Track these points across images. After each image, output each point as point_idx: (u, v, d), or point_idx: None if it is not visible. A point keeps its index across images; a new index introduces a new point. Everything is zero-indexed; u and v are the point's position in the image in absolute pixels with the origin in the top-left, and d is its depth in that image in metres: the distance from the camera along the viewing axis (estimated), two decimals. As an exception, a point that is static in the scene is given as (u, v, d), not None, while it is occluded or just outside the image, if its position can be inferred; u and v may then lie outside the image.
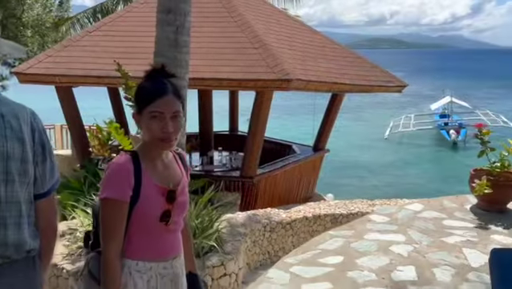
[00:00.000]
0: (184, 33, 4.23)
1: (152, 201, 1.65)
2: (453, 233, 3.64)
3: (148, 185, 1.64)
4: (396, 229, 3.78)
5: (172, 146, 1.69)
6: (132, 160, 1.64)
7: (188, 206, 1.84)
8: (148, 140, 1.66)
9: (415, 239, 3.54)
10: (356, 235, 3.68)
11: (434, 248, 3.38)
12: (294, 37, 7.86)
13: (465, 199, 4.42)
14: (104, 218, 1.63)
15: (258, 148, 7.13)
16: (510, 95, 54.19)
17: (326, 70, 7.15)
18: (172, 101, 1.63)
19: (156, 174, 1.67)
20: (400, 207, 4.28)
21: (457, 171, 23.66)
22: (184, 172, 1.81)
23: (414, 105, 41.97)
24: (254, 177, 7.27)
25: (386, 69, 8.46)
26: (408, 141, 28.66)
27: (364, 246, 3.46)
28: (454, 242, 3.47)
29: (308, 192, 9.27)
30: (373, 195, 19.58)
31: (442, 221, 3.89)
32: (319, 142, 9.20)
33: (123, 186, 1.60)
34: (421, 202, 4.42)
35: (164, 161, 1.73)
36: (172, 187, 1.70)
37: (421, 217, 4.01)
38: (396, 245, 3.45)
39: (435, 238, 3.56)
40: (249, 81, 6.31)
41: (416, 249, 3.37)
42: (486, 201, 3.98)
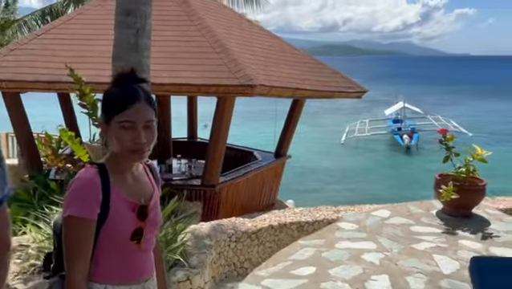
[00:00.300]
0: (145, 36, 4.02)
1: (123, 218, 1.48)
2: (422, 239, 3.61)
3: (117, 201, 1.47)
4: (365, 236, 3.72)
5: (144, 158, 1.52)
6: (99, 173, 1.46)
7: (160, 222, 1.68)
8: (117, 151, 1.48)
9: (385, 247, 3.49)
10: (327, 244, 3.59)
11: (405, 255, 3.33)
12: (255, 42, 7.77)
13: (431, 204, 4.44)
14: (69, 238, 1.44)
15: (220, 155, 6.96)
16: (459, 101, 56.71)
17: (288, 75, 7.09)
18: (145, 109, 1.47)
19: (126, 188, 1.51)
20: (367, 214, 4.24)
21: (413, 175, 24.43)
22: (156, 185, 1.65)
23: (369, 111, 43.06)
24: (216, 186, 7.09)
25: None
26: (363, 146, 29.30)
27: (336, 255, 3.37)
28: (424, 248, 3.44)
29: (270, 199, 9.17)
30: (335, 201, 19.85)
31: (410, 228, 3.86)
32: (281, 148, 9.13)
33: (90, 203, 1.42)
34: (388, 208, 4.39)
35: (135, 174, 1.56)
36: (143, 202, 1.53)
37: (389, 223, 3.98)
38: (367, 253, 3.38)
39: (405, 244, 3.52)
40: (210, 86, 6.14)
41: (388, 256, 3.32)
42: (452, 207, 4.00)
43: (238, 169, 8.01)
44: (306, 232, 5.55)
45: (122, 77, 1.52)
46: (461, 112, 43.39)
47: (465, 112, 44.68)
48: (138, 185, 1.56)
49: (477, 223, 3.93)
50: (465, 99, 58.16)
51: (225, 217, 7.51)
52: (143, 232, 1.51)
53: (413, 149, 28.09)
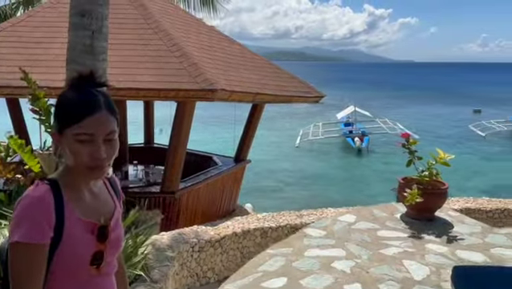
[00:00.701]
0: (102, 38, 3.82)
1: (80, 242, 1.29)
2: (389, 244, 3.63)
3: (73, 222, 1.28)
4: (334, 243, 3.69)
5: (104, 175, 1.34)
6: (51, 190, 1.27)
7: (123, 243, 1.51)
8: (72, 166, 1.30)
9: (355, 253, 3.47)
10: (296, 252, 3.53)
11: (375, 262, 3.32)
12: (214, 46, 7.64)
13: (394, 208, 4.49)
14: (17, 266, 1.24)
15: (179, 161, 6.77)
16: (405, 105, 58.91)
17: (248, 80, 7.02)
18: (106, 119, 1.28)
19: (83, 207, 1.32)
20: (334, 219, 4.22)
21: (365, 176, 25.05)
22: (117, 200, 1.47)
23: (322, 114, 43.83)
24: (176, 192, 6.89)
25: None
26: (317, 149, 29.79)
27: (306, 264, 3.31)
28: (393, 253, 3.45)
29: (231, 204, 9.05)
30: (293, 204, 19.97)
31: (377, 233, 3.88)
32: (241, 153, 9.04)
33: (41, 226, 1.23)
34: (353, 213, 4.40)
35: (93, 190, 1.37)
36: (103, 222, 1.35)
37: (356, 229, 3.97)
38: (337, 261, 3.34)
39: (373, 250, 3.52)
40: (170, 91, 5.95)
41: (358, 264, 3.29)
42: (415, 210, 4.05)
43: (198, 175, 7.84)
44: (269, 238, 5.49)
45: (79, 81, 1.32)
46: (407, 116, 45.07)
47: (410, 116, 46.46)
48: (97, 203, 1.38)
49: (440, 226, 4.00)
50: (410, 104, 60.53)
51: (185, 224, 7.33)
52: (103, 255, 1.34)
53: (364, 151, 28.88)
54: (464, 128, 39.08)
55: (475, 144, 33.32)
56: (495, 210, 6.01)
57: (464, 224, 4.05)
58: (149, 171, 9.22)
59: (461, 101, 63.49)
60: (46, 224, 1.23)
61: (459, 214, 4.33)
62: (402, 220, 4.13)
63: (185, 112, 6.50)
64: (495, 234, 3.80)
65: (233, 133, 9.48)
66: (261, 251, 5.50)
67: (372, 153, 29.08)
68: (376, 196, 21.81)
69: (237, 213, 9.35)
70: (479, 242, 3.64)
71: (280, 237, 5.54)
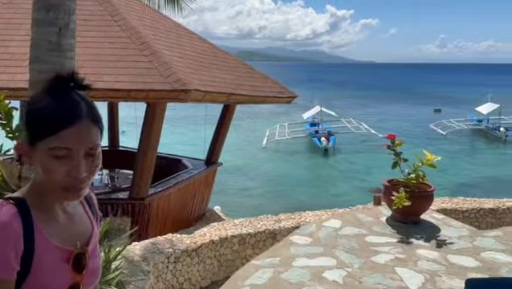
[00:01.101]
0: (69, 35, 3.51)
1: (53, 273, 1.06)
2: (379, 251, 3.48)
3: (44, 249, 1.04)
4: (322, 251, 3.51)
5: (82, 197, 1.10)
6: (18, 214, 1.02)
7: (100, 272, 1.26)
8: (43, 183, 1.07)
9: (345, 262, 3.30)
10: (284, 262, 3.32)
11: (367, 270, 3.16)
12: (185, 45, 7.36)
13: (378, 211, 4.36)
14: None
15: (149, 165, 6.45)
16: (368, 105, 60.01)
17: (221, 80, 6.77)
18: (88, 131, 1.05)
19: (56, 231, 1.08)
20: (318, 225, 4.05)
21: (332, 176, 25.25)
22: (94, 221, 1.23)
23: (287, 115, 43.99)
24: (146, 198, 6.57)
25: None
26: (284, 149, 29.80)
27: (296, 275, 3.11)
28: (384, 261, 3.30)
29: (202, 208, 8.78)
30: (262, 205, 19.83)
31: (365, 238, 3.73)
32: (212, 155, 8.78)
33: (7, 258, 0.99)
34: (337, 218, 4.25)
35: (67, 210, 1.13)
36: (80, 248, 1.11)
37: (343, 235, 3.81)
38: (328, 271, 3.17)
39: (364, 258, 3.36)
40: (140, 92, 5.63)
41: (350, 273, 3.13)
42: (402, 214, 3.94)
43: (168, 179, 7.53)
44: (248, 244, 5.28)
45: (56, 82, 1.08)
46: (371, 115, 45.90)
47: (373, 115, 47.33)
48: (72, 226, 1.14)
49: (427, 230, 3.90)
50: (373, 104, 61.73)
51: (155, 232, 7.01)
52: (79, 288, 1.11)
53: (330, 151, 29.12)
54: (425, 128, 40.11)
55: (436, 143, 34.21)
56: (471, 210, 6.03)
57: (450, 227, 3.97)
58: (115, 175, 8.83)
59: (422, 101, 65.30)
60: (14, 256, 0.98)
61: (444, 217, 4.26)
62: (388, 224, 4.01)
63: (156, 114, 6.20)
64: (483, 237, 3.73)
65: (202, 135, 9.20)
66: (238, 258, 5.30)
67: (338, 153, 29.37)
68: (342, 195, 22.00)
69: (208, 217, 9.08)
70: (469, 246, 3.55)
71: (258, 243, 5.34)
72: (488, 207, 6.26)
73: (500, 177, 25.28)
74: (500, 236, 3.75)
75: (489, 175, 25.89)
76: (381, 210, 4.37)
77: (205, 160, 8.89)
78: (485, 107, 37.22)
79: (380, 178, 19.46)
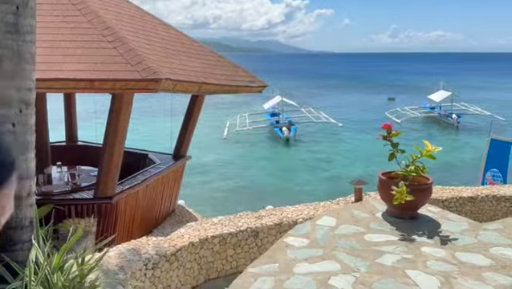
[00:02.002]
0: (28, 14, 3.00)
1: None
2: (383, 251, 3.23)
3: None
4: (322, 254, 3.22)
5: None
6: None
7: None
8: None
9: (350, 265, 3.02)
10: (283, 269, 3.00)
11: (375, 274, 2.90)
12: (150, 31, 6.83)
13: (372, 206, 4.12)
14: None
15: (117, 162, 5.94)
16: (324, 94, 60.67)
17: (192, 69, 6.33)
18: None
19: None
20: (313, 224, 3.75)
21: (296, 165, 25.23)
22: None
23: (247, 105, 43.68)
24: (114, 197, 6.06)
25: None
26: (245, 140, 29.53)
27: (299, 283, 2.80)
28: (391, 262, 3.05)
29: (171, 205, 8.32)
30: (228, 198, 19.40)
31: (364, 237, 3.47)
32: (180, 149, 8.32)
33: None
34: (330, 215, 3.96)
35: None
36: None
37: (341, 234, 3.53)
38: (334, 277, 2.87)
39: (369, 260, 3.09)
40: (105, 81, 5.11)
41: (359, 279, 2.85)
42: (399, 208, 3.70)
43: (135, 176, 7.03)
44: (229, 244, 4.93)
45: None
46: (328, 105, 46.37)
47: (331, 105, 47.86)
48: None
49: (426, 225, 3.69)
50: (330, 93, 62.53)
51: (123, 232, 6.52)
52: None
53: (292, 141, 29.13)
54: (381, 115, 40.90)
55: (392, 131, 34.98)
56: (451, 199, 5.94)
57: (449, 221, 3.78)
58: (75, 173, 8.22)
59: (376, 90, 66.75)
60: None
61: (440, 210, 4.07)
62: (386, 220, 3.76)
63: (122, 106, 5.69)
64: (485, 230, 3.56)
65: (158, 126, 8.72)
66: (219, 259, 4.94)
67: (300, 143, 29.43)
68: (304, 184, 22.06)
69: (178, 214, 8.64)
70: (474, 242, 3.36)
71: (240, 242, 5.00)
72: (467, 196, 6.20)
73: (454, 163, 26.13)
74: (501, 229, 3.59)
75: (444, 161, 26.66)
76: (375, 205, 4.13)
77: (172, 154, 8.42)
78: (437, 94, 38.39)
79: (342, 167, 19.91)
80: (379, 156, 24.56)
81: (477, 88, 64.57)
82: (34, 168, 2.94)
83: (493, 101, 50.53)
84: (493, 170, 12.89)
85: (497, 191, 6.20)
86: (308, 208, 5.71)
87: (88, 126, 16.69)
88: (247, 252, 5.06)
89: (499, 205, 6.15)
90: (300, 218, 5.27)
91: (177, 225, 8.11)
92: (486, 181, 13.02)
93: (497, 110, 41.34)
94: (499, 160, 12.76)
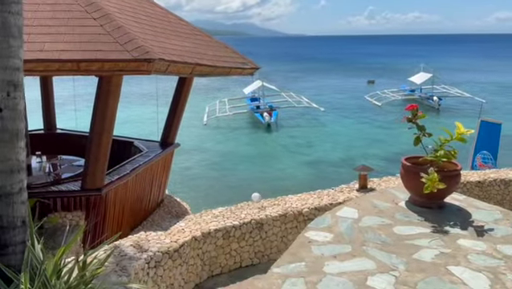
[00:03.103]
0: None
1: None
2: (417, 245, 2.93)
3: None
4: (351, 250, 2.90)
5: None
6: None
7: None
8: None
9: (385, 263, 2.71)
10: (312, 269, 2.67)
11: (417, 273, 2.59)
12: (136, 8, 6.32)
13: (392, 195, 3.82)
14: None
15: (105, 151, 5.50)
16: (303, 77, 60.40)
17: (183, 49, 5.87)
18: None
19: None
20: (334, 216, 3.42)
21: (276, 151, 24.96)
22: None
23: (225, 89, 43.03)
24: (103, 189, 5.62)
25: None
26: (226, 126, 29.07)
27: (334, 286, 2.48)
28: (430, 258, 2.75)
29: (160, 195, 7.91)
30: (210, 186, 18.95)
31: (393, 230, 3.16)
32: (168, 136, 7.89)
33: None
34: (350, 205, 3.64)
35: None
36: None
37: (366, 227, 3.22)
38: (371, 277, 2.56)
39: (405, 256, 2.79)
40: (92, 62, 4.63)
41: (399, 278, 2.54)
42: (426, 197, 3.41)
43: (123, 165, 6.59)
44: (233, 238, 4.59)
45: None
46: (307, 89, 46.14)
47: (310, 88, 47.65)
48: None
49: (456, 214, 3.41)
50: (309, 76, 62.31)
51: (113, 225, 6.09)
52: None
53: (273, 126, 28.83)
54: (361, 99, 40.96)
55: (371, 114, 35.03)
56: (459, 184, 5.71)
57: (479, 209, 3.51)
58: (57, 163, 7.70)
59: (355, 73, 66.85)
60: None
61: (464, 197, 3.80)
62: (411, 210, 3.47)
63: (111, 90, 5.24)
64: (520, 219, 3.30)
65: (138, 113, 8.24)
66: (222, 254, 4.59)
67: (281, 128, 29.15)
68: (286, 169, 21.83)
69: (166, 205, 8.24)
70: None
71: (244, 235, 4.65)
72: (474, 180, 6.00)
73: (434, 145, 26.26)
74: (535, 217, 3.34)
75: (428, 143, 26.91)
76: (395, 194, 3.82)
77: (160, 142, 7.98)
78: (418, 77, 38.50)
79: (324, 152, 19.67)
80: (359, 140, 24.64)
81: (456, 70, 65.34)
82: (25, 159, 2.51)
83: (471, 83, 51.23)
84: (483, 152, 12.82)
85: (506, 175, 6.01)
86: (312, 196, 5.40)
87: (63, 112, 15.93)
88: (251, 245, 4.72)
89: (507, 189, 5.97)
90: (305, 208, 4.96)
91: (167, 216, 7.72)
92: (476, 163, 12.99)
93: (477, 92, 41.87)
94: (489, 142, 12.69)
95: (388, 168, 21.86)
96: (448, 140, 3.38)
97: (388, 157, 23.96)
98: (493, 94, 43.75)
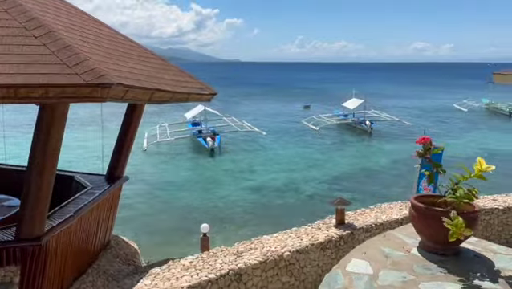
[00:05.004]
0: None
1: None
2: (454, 307, 2.45)
3: None
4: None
5: None
6: None
7: None
8: None
9: (429, 336, 2.19)
10: None
11: None
12: (83, 27, 5.55)
13: (399, 240, 3.35)
14: None
15: (47, 191, 4.63)
16: (242, 102, 60.52)
17: (140, 72, 5.18)
18: None
19: None
20: (346, 274, 2.87)
21: (218, 177, 24.30)
22: None
23: (163, 114, 41.79)
24: (43, 237, 4.71)
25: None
26: (167, 151, 28.04)
27: None
28: (478, 326, 2.27)
29: (106, 236, 6.99)
30: (156, 218, 17.79)
31: (419, 288, 2.68)
32: (116, 168, 7.04)
33: None
34: (359, 257, 3.12)
35: None
36: None
37: (388, 286, 2.71)
38: None
39: (447, 324, 2.29)
40: (34, 88, 3.82)
41: None
42: (441, 243, 2.97)
43: (65, 206, 5.68)
44: (209, 294, 3.91)
45: None
46: (247, 113, 46.13)
47: (247, 113, 47.70)
48: None
49: (477, 262, 3.00)
50: (245, 101, 62.58)
51: (53, 278, 5.16)
52: None
53: (217, 151, 28.24)
54: (299, 123, 41.53)
55: (310, 138, 35.47)
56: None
57: (497, 254, 3.13)
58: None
59: (291, 98, 68.15)
60: None
61: (477, 240, 3.41)
62: (428, 259, 3.01)
63: (55, 120, 4.42)
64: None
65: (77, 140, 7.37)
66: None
67: (224, 152, 28.58)
68: (231, 195, 21.20)
69: (114, 246, 7.31)
70: (547, 283, 2.72)
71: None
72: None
73: (371, 168, 26.93)
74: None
75: (361, 166, 27.40)
76: (402, 238, 3.37)
77: (106, 175, 7.10)
78: (351, 102, 39.79)
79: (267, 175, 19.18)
80: (299, 163, 24.51)
81: (382, 96, 68.48)
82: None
83: (397, 107, 53.84)
84: (429, 177, 12.95)
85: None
86: (290, 236, 4.86)
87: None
88: (229, 301, 4.07)
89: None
90: (286, 252, 4.40)
91: (115, 260, 6.82)
92: (421, 187, 13.12)
93: (404, 116, 43.96)
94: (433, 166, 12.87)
95: (330, 191, 21.94)
96: (465, 177, 2.98)
97: (328, 180, 24.09)
98: (417, 117, 46.16)
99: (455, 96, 67.17)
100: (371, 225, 5.33)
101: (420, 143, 3.15)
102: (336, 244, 4.93)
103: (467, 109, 51.90)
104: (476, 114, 49.61)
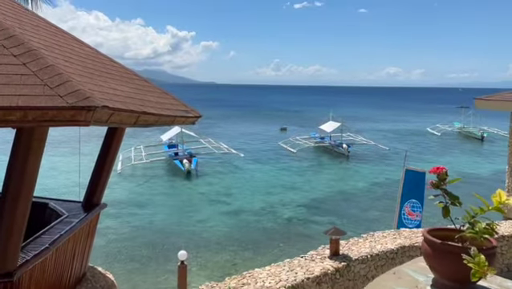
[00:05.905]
0: None
1: None
2: None
3: None
4: None
5: None
6: None
7: None
8: None
9: None
10: None
11: None
12: (64, 46, 5.25)
13: (411, 277, 3.13)
14: None
15: (21, 221, 4.25)
16: (218, 124, 60.26)
17: (125, 94, 4.89)
18: None
19: None
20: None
21: (194, 200, 23.85)
22: None
23: (137, 137, 41.12)
24: (15, 272, 4.30)
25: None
26: (143, 174, 27.44)
27: None
28: None
29: (83, 268, 6.54)
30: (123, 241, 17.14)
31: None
32: (94, 195, 6.65)
33: None
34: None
35: None
36: None
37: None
38: None
39: None
40: (12, 111, 3.49)
41: None
42: (457, 281, 2.77)
43: (39, 236, 5.26)
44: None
45: None
46: (219, 135, 45.89)
47: (222, 135, 47.50)
48: None
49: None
50: (220, 123, 62.40)
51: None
52: None
53: (193, 174, 27.82)
54: (275, 145, 41.52)
55: (287, 160, 35.44)
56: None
57: (515, 291, 2.94)
58: None
59: (267, 120, 68.43)
60: None
61: (489, 276, 3.21)
62: (444, 299, 2.79)
63: (32, 145, 4.08)
64: None
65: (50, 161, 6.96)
66: None
67: (201, 175, 28.16)
68: (208, 220, 20.75)
69: (90, 279, 6.85)
70: None
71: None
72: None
73: (349, 191, 26.96)
74: None
75: (338, 189, 27.41)
76: (413, 276, 3.14)
77: (83, 202, 6.70)
78: (327, 125, 40.10)
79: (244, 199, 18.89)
80: (276, 186, 24.33)
81: (357, 119, 69.47)
82: None
83: (372, 131, 54.61)
84: (411, 201, 12.94)
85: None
86: (283, 269, 4.58)
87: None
88: None
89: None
90: (281, 288, 4.13)
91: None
92: (404, 211, 13.07)
93: (379, 139, 44.53)
94: (415, 190, 12.88)
95: (308, 214, 21.75)
96: (484, 209, 2.80)
97: (306, 203, 23.95)
98: (392, 141, 46.86)
99: (427, 120, 68.72)
100: (367, 256, 5.11)
101: (434, 173, 2.96)
102: (332, 277, 4.68)
103: (440, 133, 53.03)
104: (449, 137, 50.77)
